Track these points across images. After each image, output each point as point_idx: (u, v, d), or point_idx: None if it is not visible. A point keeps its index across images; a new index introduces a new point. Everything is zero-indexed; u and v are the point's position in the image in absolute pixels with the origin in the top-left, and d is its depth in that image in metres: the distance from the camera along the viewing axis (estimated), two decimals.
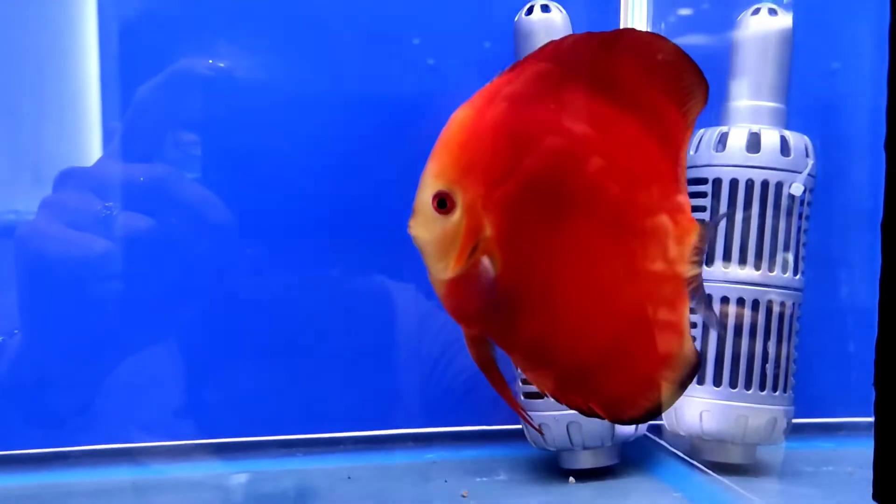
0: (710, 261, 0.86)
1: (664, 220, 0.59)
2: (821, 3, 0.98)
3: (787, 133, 0.86)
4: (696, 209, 0.88)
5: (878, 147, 0.51)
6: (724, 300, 0.86)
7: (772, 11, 0.87)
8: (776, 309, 0.86)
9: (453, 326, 0.98)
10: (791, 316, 0.87)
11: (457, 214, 0.58)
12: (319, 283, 0.95)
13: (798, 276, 0.88)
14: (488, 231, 0.58)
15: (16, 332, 0.87)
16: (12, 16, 0.88)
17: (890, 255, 0.49)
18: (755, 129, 0.86)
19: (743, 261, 0.86)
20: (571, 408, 0.61)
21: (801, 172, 0.85)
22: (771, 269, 0.86)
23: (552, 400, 0.81)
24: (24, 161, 0.89)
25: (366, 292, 0.97)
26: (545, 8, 0.88)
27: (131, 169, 0.87)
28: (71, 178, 0.87)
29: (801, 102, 0.90)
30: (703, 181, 0.87)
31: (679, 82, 0.58)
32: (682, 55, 0.58)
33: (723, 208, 0.87)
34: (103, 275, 0.87)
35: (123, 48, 0.89)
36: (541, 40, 0.79)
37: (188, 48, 0.90)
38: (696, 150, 0.88)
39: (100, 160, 0.88)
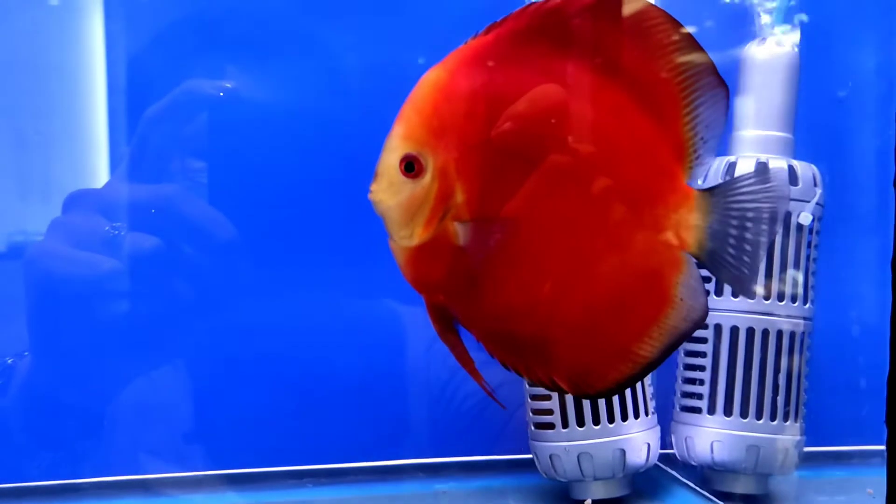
0: (719, 291, 0.86)
1: (654, 187, 0.57)
2: (827, 31, 0.99)
3: (795, 162, 0.87)
4: None
5: (887, 178, 0.51)
6: (734, 330, 0.86)
7: (778, 42, 0.88)
8: (786, 338, 0.86)
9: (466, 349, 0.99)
10: (801, 345, 0.87)
11: (427, 178, 0.56)
12: (327, 307, 0.95)
13: (808, 305, 0.87)
14: (460, 197, 0.56)
15: (25, 353, 0.87)
16: (20, 39, 0.89)
17: None
18: (763, 158, 0.86)
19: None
20: (535, 383, 0.60)
21: (809, 202, 0.85)
22: (780, 299, 0.86)
23: (563, 430, 0.83)
24: (33, 183, 0.90)
25: (374, 317, 0.96)
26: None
27: (140, 190, 0.88)
28: (80, 201, 0.87)
29: (808, 131, 0.90)
30: None
31: (668, 49, 0.57)
32: (670, 21, 0.57)
33: None
34: (112, 296, 0.87)
35: (131, 70, 0.90)
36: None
37: (194, 70, 0.90)
38: (704, 180, 0.88)
39: (108, 182, 0.89)
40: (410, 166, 0.56)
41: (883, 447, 0.50)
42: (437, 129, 0.56)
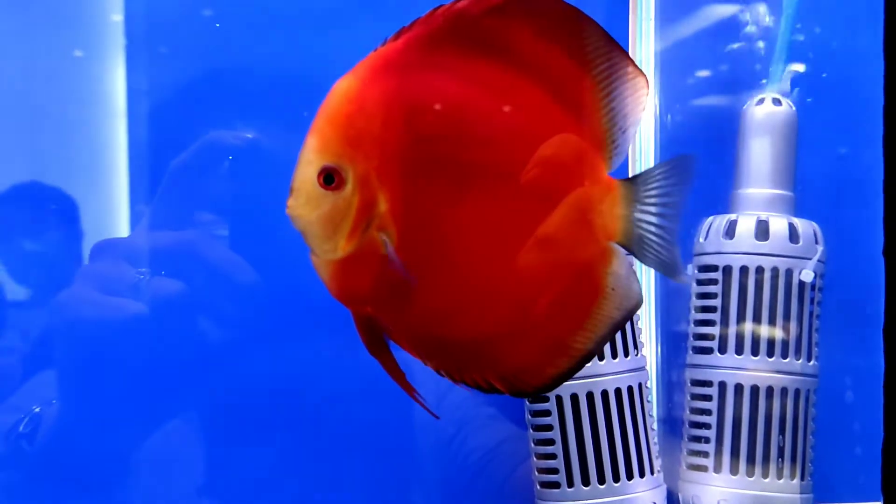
0: (722, 349, 0.87)
1: (578, 181, 0.57)
2: (825, 88, 0.99)
3: (796, 220, 0.87)
4: (706, 296, 0.89)
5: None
6: (738, 387, 0.86)
7: (776, 101, 0.89)
8: (791, 395, 0.86)
9: (471, 404, 1.00)
10: (807, 401, 0.87)
11: (347, 189, 0.55)
12: (338, 358, 0.95)
13: (812, 362, 0.87)
14: (383, 205, 0.55)
15: (53, 401, 0.88)
16: (45, 89, 0.91)
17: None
18: (763, 216, 0.87)
19: (755, 349, 0.86)
20: (470, 387, 0.58)
21: (810, 259, 0.86)
22: (784, 356, 0.86)
23: (569, 490, 0.83)
24: (53, 230, 0.91)
25: (383, 371, 0.96)
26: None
27: (164, 238, 0.89)
28: (107, 249, 0.89)
29: (808, 189, 0.91)
30: (714, 268, 0.88)
31: (582, 44, 0.57)
32: (580, 16, 0.57)
33: (734, 296, 0.87)
34: (139, 342, 0.88)
35: (153, 121, 0.92)
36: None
37: (215, 121, 0.92)
38: (706, 238, 0.89)
39: (134, 230, 0.91)
40: (330, 178, 0.55)
41: None
42: (354, 138, 0.55)
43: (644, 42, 0.99)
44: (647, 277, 0.99)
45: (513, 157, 0.56)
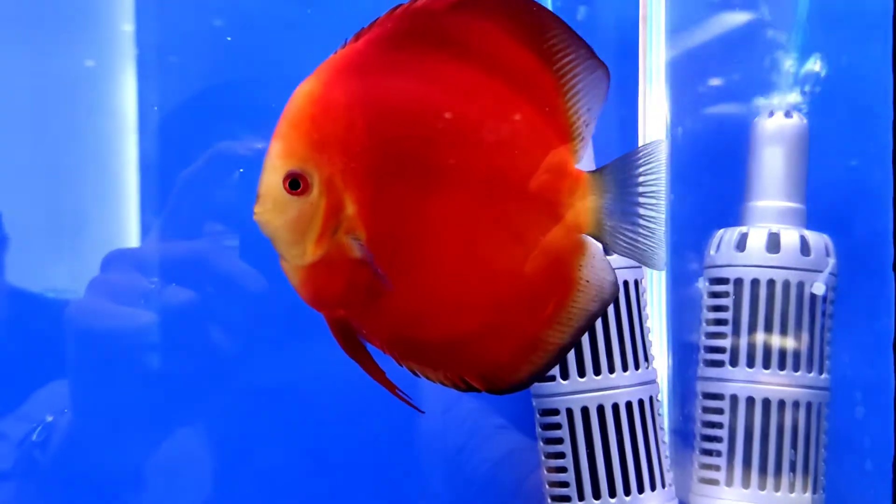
0: (734, 362, 0.87)
1: (546, 175, 0.57)
2: (836, 101, 0.99)
3: (807, 232, 0.87)
4: (718, 309, 0.89)
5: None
6: (750, 400, 0.86)
7: (787, 113, 0.89)
8: (803, 408, 0.86)
9: (479, 415, 1.00)
10: (819, 415, 0.87)
11: (314, 194, 0.55)
12: (346, 368, 0.94)
13: (823, 375, 0.87)
14: (350, 208, 0.55)
15: (65, 411, 0.88)
16: (55, 98, 0.91)
17: None
18: (774, 229, 0.87)
19: (767, 362, 0.86)
20: (447, 386, 0.58)
21: (822, 272, 0.86)
22: (796, 369, 0.86)
23: (580, 503, 0.82)
24: (63, 240, 0.92)
25: (392, 380, 0.96)
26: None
27: (174, 248, 0.90)
28: (119, 259, 0.89)
29: (819, 201, 0.91)
30: (725, 281, 0.88)
31: (543, 38, 0.57)
32: (540, 10, 0.57)
33: (745, 309, 0.87)
34: (151, 351, 0.89)
35: (163, 131, 0.92)
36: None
37: (226, 131, 0.92)
38: (717, 251, 0.89)
39: (145, 240, 0.91)
40: (296, 183, 0.55)
41: None
42: (318, 142, 0.54)
43: (654, 52, 0.99)
44: (657, 289, 0.99)
45: (478, 153, 0.56)
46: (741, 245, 0.87)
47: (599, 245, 0.59)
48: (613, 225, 0.58)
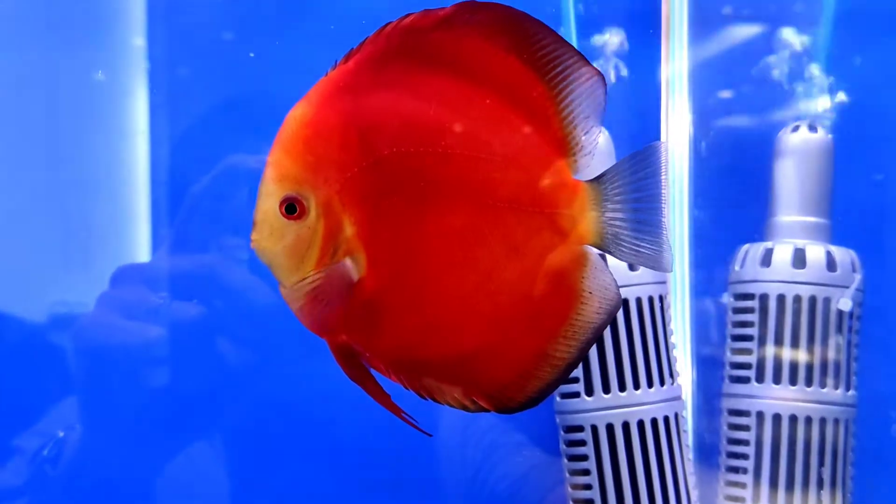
0: (760, 378, 0.86)
1: (543, 187, 0.56)
2: (860, 115, 0.98)
3: (833, 248, 0.87)
4: (743, 324, 0.89)
5: None
6: (776, 417, 0.85)
7: (811, 128, 0.88)
8: (830, 425, 0.85)
9: (498, 431, 0.99)
10: (846, 432, 0.86)
11: (311, 217, 0.54)
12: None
13: (850, 392, 0.87)
14: (349, 230, 0.55)
15: (76, 426, 0.88)
16: (66, 113, 0.91)
17: None
18: (800, 244, 0.86)
19: (793, 378, 0.86)
20: (456, 408, 0.58)
21: (848, 287, 0.85)
22: (823, 386, 0.85)
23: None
24: (75, 253, 0.91)
25: (409, 396, 0.96)
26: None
27: (184, 262, 0.89)
28: (128, 274, 0.88)
29: (845, 216, 0.91)
30: (750, 297, 0.87)
31: (533, 49, 0.56)
32: (531, 21, 0.56)
33: (771, 324, 0.86)
34: (158, 368, 0.88)
35: (174, 144, 0.92)
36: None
37: (236, 144, 0.91)
38: (742, 266, 0.89)
39: (155, 255, 0.90)
40: (292, 208, 0.54)
41: None
42: (313, 165, 0.54)
43: (677, 61, 0.98)
44: (680, 305, 0.98)
45: (474, 168, 0.56)
46: (766, 260, 0.87)
47: (601, 256, 0.58)
48: (615, 232, 0.57)
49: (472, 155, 0.56)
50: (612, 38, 0.94)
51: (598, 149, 0.83)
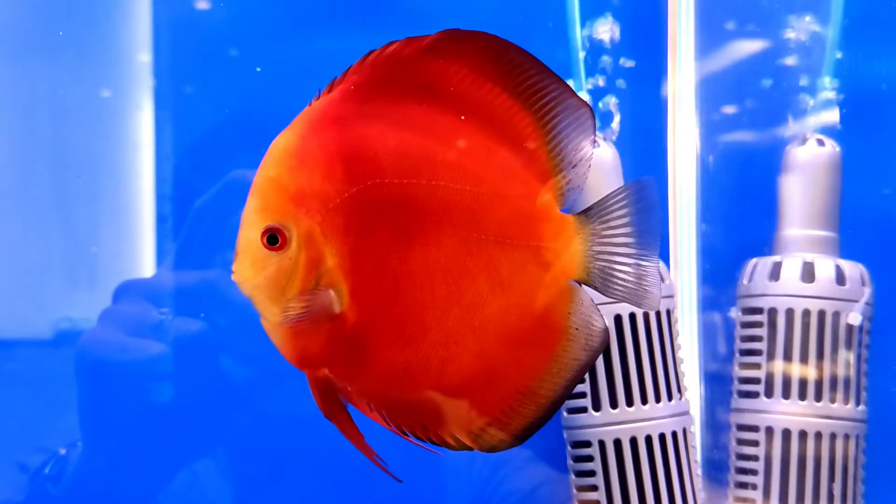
0: (769, 393, 0.85)
1: (528, 220, 0.56)
2: (868, 128, 0.98)
3: (842, 262, 0.86)
4: (752, 339, 0.88)
5: None
6: (786, 433, 0.85)
7: (819, 141, 0.88)
8: (840, 440, 0.84)
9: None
10: (856, 447, 0.86)
11: (292, 248, 0.54)
12: None
13: (861, 407, 0.86)
14: (330, 261, 0.54)
15: (78, 443, 0.87)
16: (72, 129, 0.91)
17: None
18: (809, 258, 0.86)
19: (803, 393, 0.85)
20: (438, 445, 0.57)
21: (857, 301, 0.85)
22: (832, 401, 0.85)
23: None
24: (80, 269, 0.91)
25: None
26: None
27: (188, 277, 0.89)
28: (131, 290, 0.88)
29: (853, 229, 0.90)
30: (759, 311, 0.87)
31: (518, 79, 0.56)
32: (516, 50, 0.55)
33: (780, 339, 0.86)
34: (161, 384, 0.88)
35: (178, 160, 0.92)
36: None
37: (241, 160, 0.91)
38: (751, 280, 0.88)
39: (158, 271, 0.90)
40: (274, 239, 0.54)
41: None
42: (296, 195, 0.54)
43: (684, 76, 0.98)
44: (688, 319, 0.98)
45: (457, 200, 0.55)
46: (775, 274, 0.86)
47: (587, 291, 0.57)
48: (602, 267, 0.57)
49: (457, 187, 0.55)
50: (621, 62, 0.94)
51: (605, 164, 0.85)
